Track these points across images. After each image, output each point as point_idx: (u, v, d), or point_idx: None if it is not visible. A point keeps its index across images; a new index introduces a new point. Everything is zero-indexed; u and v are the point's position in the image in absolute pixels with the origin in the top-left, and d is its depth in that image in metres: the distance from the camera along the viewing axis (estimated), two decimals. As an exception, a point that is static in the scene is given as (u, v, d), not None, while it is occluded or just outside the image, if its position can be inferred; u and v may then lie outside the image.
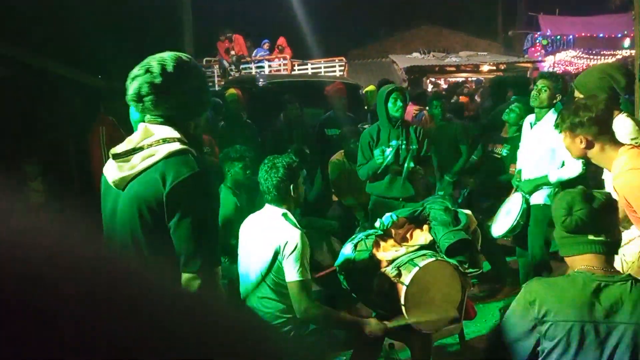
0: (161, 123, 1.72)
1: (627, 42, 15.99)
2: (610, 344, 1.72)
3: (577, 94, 3.14)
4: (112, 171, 1.72)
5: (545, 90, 3.81)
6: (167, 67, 1.69)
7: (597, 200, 1.87)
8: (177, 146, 1.67)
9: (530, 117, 4.08)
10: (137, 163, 1.67)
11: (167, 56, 1.72)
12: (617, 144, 2.39)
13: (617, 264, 2.60)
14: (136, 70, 1.71)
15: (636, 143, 2.69)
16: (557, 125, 2.51)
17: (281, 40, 14.98)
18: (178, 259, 1.61)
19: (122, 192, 1.70)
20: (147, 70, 1.68)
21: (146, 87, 1.67)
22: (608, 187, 2.69)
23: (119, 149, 1.73)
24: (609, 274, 1.82)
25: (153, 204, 1.63)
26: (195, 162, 1.66)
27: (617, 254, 1.96)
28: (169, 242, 1.61)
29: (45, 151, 5.35)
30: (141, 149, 1.69)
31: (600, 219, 1.85)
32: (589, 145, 2.37)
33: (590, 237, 1.84)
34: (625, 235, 2.61)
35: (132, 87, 1.69)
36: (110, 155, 1.74)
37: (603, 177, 2.93)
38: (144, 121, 1.76)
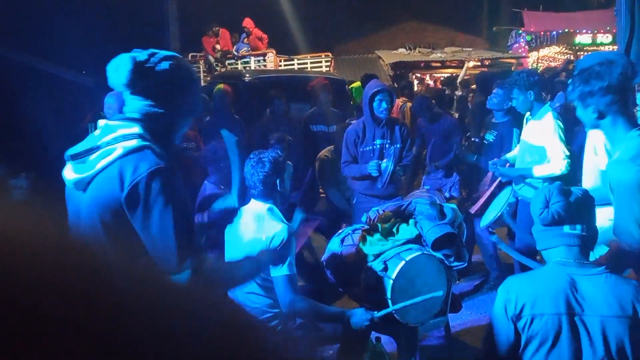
0: (132, 119, 1.66)
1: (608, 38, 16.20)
2: (585, 336, 1.73)
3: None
4: (70, 173, 1.66)
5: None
6: (151, 60, 1.65)
7: (574, 194, 1.90)
8: (135, 143, 1.60)
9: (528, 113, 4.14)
10: (95, 163, 1.61)
11: (154, 51, 1.68)
12: (633, 122, 2.23)
13: None
14: (120, 59, 1.65)
15: None
16: (568, 95, 2.37)
17: (247, 22, 14.48)
18: (149, 260, 1.54)
19: (84, 194, 1.64)
20: (131, 58, 1.63)
21: (127, 78, 1.62)
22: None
23: (77, 148, 1.67)
24: (583, 267, 1.83)
25: (113, 206, 1.57)
26: (154, 157, 1.59)
27: (592, 249, 1.95)
28: (136, 246, 1.55)
29: (29, 148, 5.28)
30: (99, 147, 1.62)
31: (576, 211, 1.87)
32: (601, 116, 2.22)
33: (566, 229, 1.86)
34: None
35: (113, 78, 1.64)
36: (66, 157, 1.67)
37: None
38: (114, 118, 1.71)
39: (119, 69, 1.64)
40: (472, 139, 5.01)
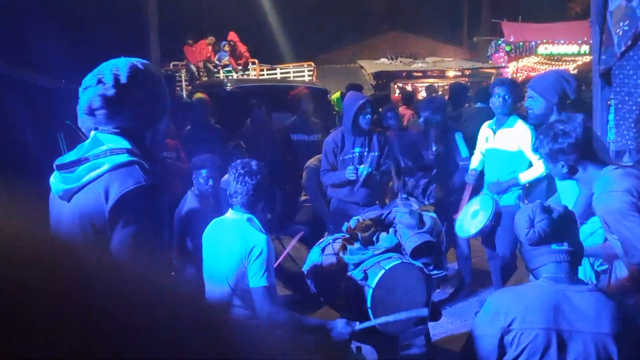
0: (114, 133, 1.64)
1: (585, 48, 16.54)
2: (573, 352, 1.73)
3: (530, 92, 3.25)
4: (56, 183, 1.64)
5: (508, 98, 3.96)
6: (120, 77, 1.60)
7: (556, 211, 1.93)
8: (124, 158, 1.58)
9: (490, 123, 4.21)
10: (83, 175, 1.59)
11: (121, 64, 1.62)
12: (600, 163, 2.34)
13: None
14: (88, 80, 1.62)
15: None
16: (535, 150, 2.47)
17: (232, 36, 14.54)
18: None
19: (67, 204, 1.63)
20: (100, 81, 1.59)
21: (98, 100, 1.58)
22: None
23: (64, 159, 1.65)
24: (573, 283, 1.84)
25: (96, 219, 1.56)
26: (142, 174, 1.57)
27: (580, 263, 1.98)
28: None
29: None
30: (87, 160, 1.60)
31: (561, 228, 1.90)
32: (572, 171, 2.33)
33: (554, 246, 1.88)
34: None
35: (83, 99, 1.60)
36: (54, 166, 1.65)
37: None
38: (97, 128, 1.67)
39: (87, 93, 1.60)
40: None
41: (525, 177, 3.89)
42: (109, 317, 0.35)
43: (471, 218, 3.98)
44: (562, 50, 17.41)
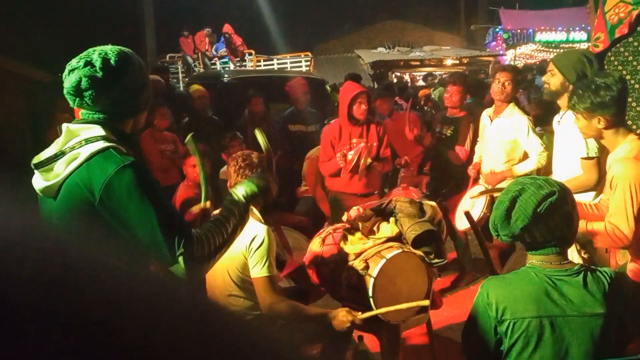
0: (93, 121, 1.63)
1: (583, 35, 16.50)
2: (567, 337, 1.73)
3: (551, 67, 3.20)
4: (38, 181, 1.63)
5: (509, 84, 3.94)
6: (109, 60, 1.60)
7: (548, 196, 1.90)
8: (99, 145, 1.57)
9: (489, 111, 4.19)
10: (62, 169, 1.57)
11: (109, 49, 1.64)
12: (628, 128, 2.42)
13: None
14: (75, 62, 1.61)
15: None
16: (573, 106, 2.45)
17: (226, 28, 14.47)
18: (130, 260, 1.51)
19: (54, 202, 1.61)
20: (88, 63, 1.59)
21: (86, 81, 1.58)
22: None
23: (41, 156, 1.63)
24: (560, 267, 1.81)
25: (86, 211, 1.54)
26: (119, 156, 1.56)
27: (569, 246, 1.95)
28: (114, 248, 1.53)
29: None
30: (63, 153, 1.59)
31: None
32: (608, 125, 2.35)
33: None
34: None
35: (69, 80, 1.59)
36: (32, 166, 1.64)
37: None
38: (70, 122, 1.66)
39: (74, 74, 1.60)
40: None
41: (520, 169, 3.86)
42: (107, 315, 0.34)
43: (469, 209, 3.99)
44: (560, 38, 17.36)
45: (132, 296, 0.38)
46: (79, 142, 1.58)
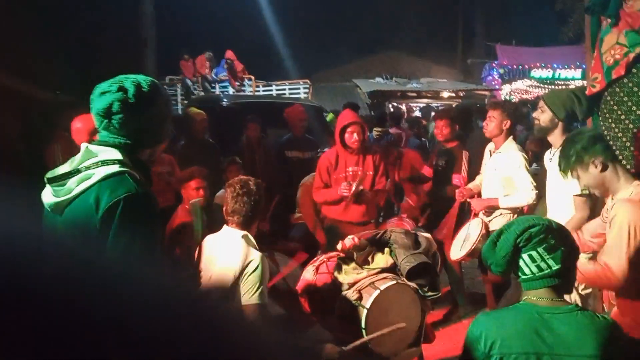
0: (113, 145, 1.66)
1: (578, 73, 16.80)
2: None
3: (541, 103, 3.27)
4: (48, 196, 1.65)
5: (492, 120, 4.00)
6: (142, 88, 1.66)
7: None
8: (115, 168, 1.60)
9: (490, 145, 4.24)
10: (73, 187, 1.60)
11: (142, 78, 1.70)
12: (629, 172, 2.43)
13: None
14: (106, 86, 1.66)
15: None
16: (564, 170, 2.49)
17: (229, 54, 14.70)
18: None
19: (60, 217, 1.63)
20: (121, 89, 1.64)
21: (117, 105, 1.62)
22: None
23: (56, 171, 1.66)
24: (554, 305, 1.79)
25: (89, 228, 1.56)
26: (133, 182, 1.59)
27: (568, 288, 1.93)
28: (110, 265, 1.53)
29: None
30: (78, 171, 1.62)
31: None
32: (605, 165, 2.38)
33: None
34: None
35: (101, 102, 1.64)
36: (46, 180, 1.66)
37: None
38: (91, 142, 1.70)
39: (106, 97, 1.64)
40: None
41: (506, 202, 3.89)
42: (108, 321, 0.35)
43: (463, 241, 3.98)
44: (555, 75, 17.66)
45: (126, 306, 0.39)
46: (95, 162, 1.61)
